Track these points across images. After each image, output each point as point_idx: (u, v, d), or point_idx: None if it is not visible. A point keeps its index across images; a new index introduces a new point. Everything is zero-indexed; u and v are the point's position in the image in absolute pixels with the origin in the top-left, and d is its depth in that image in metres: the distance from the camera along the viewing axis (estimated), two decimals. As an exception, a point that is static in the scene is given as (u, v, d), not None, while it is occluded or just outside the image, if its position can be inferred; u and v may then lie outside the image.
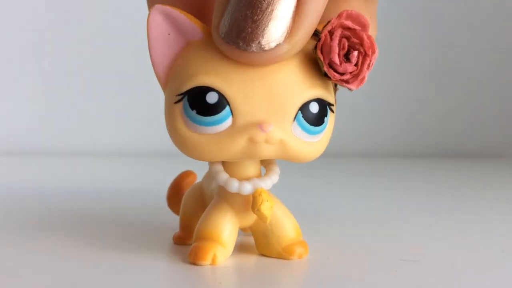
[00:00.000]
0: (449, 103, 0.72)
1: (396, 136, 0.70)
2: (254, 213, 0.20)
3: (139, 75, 0.66)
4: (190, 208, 0.24)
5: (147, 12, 0.20)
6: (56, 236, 0.25)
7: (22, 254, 0.22)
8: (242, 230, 0.24)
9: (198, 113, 0.18)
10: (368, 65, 0.18)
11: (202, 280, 0.19)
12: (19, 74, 0.66)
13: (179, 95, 0.19)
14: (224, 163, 0.21)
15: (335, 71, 0.18)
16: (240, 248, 0.23)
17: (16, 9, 0.66)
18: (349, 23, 0.18)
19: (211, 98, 0.18)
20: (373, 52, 0.18)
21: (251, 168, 0.21)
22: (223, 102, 0.18)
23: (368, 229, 0.27)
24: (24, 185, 0.42)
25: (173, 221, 0.27)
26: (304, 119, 0.19)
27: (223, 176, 0.20)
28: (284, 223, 0.21)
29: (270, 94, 0.18)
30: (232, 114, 0.18)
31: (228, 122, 0.18)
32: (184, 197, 0.24)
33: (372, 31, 0.19)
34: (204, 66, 0.18)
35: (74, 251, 0.22)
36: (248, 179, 0.20)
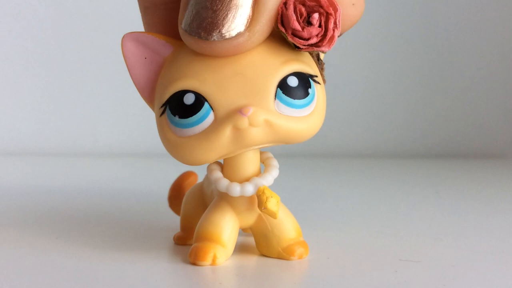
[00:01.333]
0: (450, 103, 0.72)
1: (396, 136, 0.70)
2: (261, 211, 0.20)
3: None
4: (190, 209, 0.24)
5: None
6: (57, 236, 0.25)
7: (22, 254, 0.22)
8: (243, 230, 0.24)
9: (180, 117, 0.19)
10: (335, 24, 0.18)
11: (202, 280, 0.19)
12: (20, 74, 0.66)
13: (161, 106, 0.19)
14: (223, 167, 0.21)
15: (301, 38, 0.18)
16: (241, 248, 0.23)
17: (16, 9, 0.66)
18: None
19: (188, 99, 0.19)
20: (335, 10, 0.18)
21: (250, 167, 0.21)
22: (200, 99, 0.18)
23: (368, 229, 0.27)
24: (25, 185, 0.42)
25: (173, 221, 0.27)
26: (286, 94, 0.19)
27: (224, 182, 0.20)
28: (285, 224, 0.21)
29: (244, 80, 0.18)
30: (212, 108, 0.19)
31: (211, 117, 0.19)
32: (184, 198, 0.25)
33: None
34: (177, 72, 0.19)
35: (75, 251, 0.22)
36: (248, 179, 0.20)
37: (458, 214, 0.33)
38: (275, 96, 0.19)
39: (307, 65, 0.19)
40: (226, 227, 0.21)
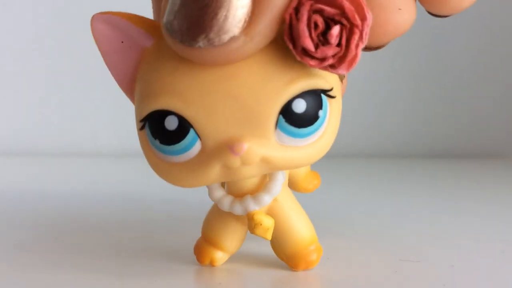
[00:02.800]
0: (449, 103, 0.72)
1: (396, 136, 0.70)
2: (251, 233, 0.18)
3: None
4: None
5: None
6: (56, 237, 0.25)
7: (22, 255, 0.22)
8: None
9: (161, 142, 0.16)
10: (360, 38, 0.14)
11: (202, 280, 0.19)
12: (20, 74, 0.66)
13: (141, 121, 0.16)
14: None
15: (313, 58, 0.14)
16: (242, 249, 0.22)
17: (16, 9, 0.66)
18: None
19: (171, 124, 0.15)
20: (363, 19, 0.14)
21: (252, 180, 0.18)
22: (185, 125, 0.15)
23: (368, 229, 0.27)
24: (24, 185, 0.42)
25: (173, 221, 0.27)
26: (289, 123, 0.15)
27: (218, 193, 0.19)
28: (291, 230, 0.19)
29: (237, 104, 0.15)
30: (199, 136, 0.15)
31: (197, 147, 0.15)
32: None
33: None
34: (158, 81, 0.15)
35: (74, 251, 0.22)
36: (249, 192, 0.18)
37: (458, 214, 0.33)
38: (276, 125, 0.15)
39: (320, 77, 0.15)
40: (226, 232, 0.20)
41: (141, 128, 0.16)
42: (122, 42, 0.16)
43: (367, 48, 0.16)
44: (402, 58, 0.71)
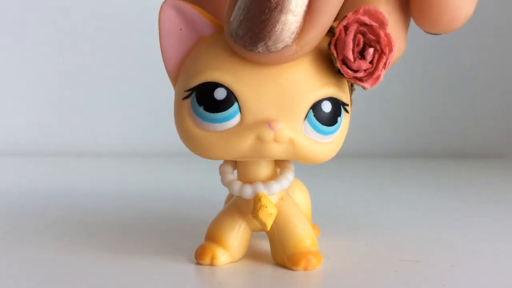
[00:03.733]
0: (449, 103, 0.72)
1: (396, 136, 0.70)
2: (253, 218, 0.19)
3: (142, 74, 0.66)
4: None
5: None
6: (56, 237, 0.25)
7: (23, 255, 0.22)
8: None
9: (205, 109, 0.18)
10: (385, 64, 0.18)
11: (202, 280, 0.19)
12: (20, 74, 0.66)
13: (187, 90, 0.18)
14: (236, 164, 0.20)
15: (349, 68, 0.18)
16: (250, 252, 0.22)
17: (17, 9, 0.66)
18: (365, 19, 0.17)
19: (219, 94, 0.18)
20: (390, 51, 0.17)
21: (263, 170, 0.20)
22: (231, 98, 0.18)
23: (368, 229, 0.27)
24: (24, 185, 0.42)
25: (173, 222, 0.27)
26: (316, 118, 0.18)
27: (229, 177, 0.20)
28: (293, 230, 0.20)
29: (280, 92, 0.17)
30: (240, 111, 0.18)
31: (236, 119, 0.18)
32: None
33: (391, 29, 0.18)
34: (213, 61, 0.18)
35: (74, 251, 0.22)
36: (260, 181, 0.20)
37: (458, 214, 0.33)
38: (306, 117, 0.18)
39: (343, 92, 0.19)
40: (230, 230, 0.20)
41: (185, 98, 0.18)
42: (180, 29, 0.19)
43: (433, 34, 0.20)
44: (402, 59, 0.70)
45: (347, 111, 0.19)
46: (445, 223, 0.30)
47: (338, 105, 0.18)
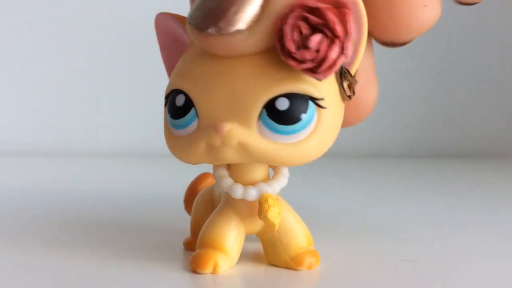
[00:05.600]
0: (450, 103, 0.72)
1: (396, 136, 0.70)
2: (261, 219, 0.19)
3: (142, 75, 0.66)
4: (200, 213, 0.23)
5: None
6: (56, 237, 0.25)
7: (21, 254, 0.22)
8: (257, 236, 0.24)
9: (171, 116, 0.18)
10: (341, 51, 0.15)
11: (202, 281, 0.19)
12: (20, 74, 0.66)
13: (165, 99, 0.19)
14: (229, 167, 0.20)
15: (294, 59, 0.16)
16: (243, 254, 0.22)
17: (17, 9, 0.66)
18: (309, 2, 0.16)
19: (179, 100, 0.18)
20: (346, 32, 0.15)
21: (258, 172, 0.19)
22: (189, 104, 0.18)
23: (368, 229, 0.27)
24: (24, 185, 0.42)
25: (173, 222, 0.27)
26: (270, 118, 0.17)
27: (227, 181, 0.19)
28: (294, 231, 0.20)
29: (231, 93, 0.17)
30: (197, 116, 0.18)
31: (194, 124, 0.18)
32: (195, 201, 0.23)
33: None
34: (180, 67, 0.18)
35: (74, 252, 0.22)
36: (254, 183, 0.19)
37: (458, 214, 0.33)
38: (259, 117, 0.17)
39: (311, 86, 0.17)
40: (230, 234, 0.19)
41: (165, 105, 0.19)
42: (175, 40, 0.19)
43: (393, 45, 0.19)
44: (402, 59, 0.71)
45: (321, 106, 0.17)
46: (445, 223, 0.30)
47: (302, 101, 0.17)
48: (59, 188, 0.40)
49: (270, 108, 0.17)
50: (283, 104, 0.17)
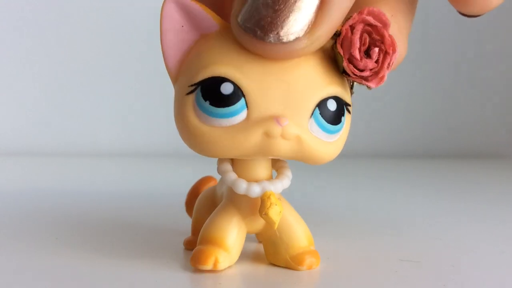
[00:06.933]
0: (449, 103, 0.72)
1: (396, 136, 0.70)
2: (261, 217, 0.19)
3: (142, 75, 0.66)
4: (202, 212, 0.23)
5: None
6: (56, 237, 0.25)
7: (22, 255, 0.22)
8: (256, 237, 0.24)
9: (211, 104, 0.17)
10: (389, 64, 0.18)
11: (202, 281, 0.19)
12: (20, 74, 0.66)
13: (191, 85, 0.18)
14: (233, 164, 0.20)
15: (355, 67, 0.18)
16: (243, 254, 0.22)
17: (17, 9, 0.66)
18: (370, 19, 0.17)
19: (226, 88, 0.17)
20: (394, 51, 0.18)
21: (262, 170, 0.20)
22: (238, 93, 0.17)
23: (368, 229, 0.27)
24: (24, 185, 0.42)
25: (173, 222, 0.27)
26: (322, 116, 0.18)
27: (231, 176, 0.19)
28: (294, 230, 0.20)
29: (287, 89, 0.17)
30: (247, 106, 0.17)
31: (243, 114, 0.17)
32: (197, 201, 0.24)
33: (393, 30, 0.18)
34: (219, 56, 0.18)
35: (74, 252, 0.22)
36: (257, 181, 0.19)
37: (458, 214, 0.33)
38: (312, 114, 0.18)
39: (346, 92, 0.19)
40: (231, 232, 0.20)
41: (189, 93, 0.18)
42: (182, 26, 0.18)
43: (469, 15, 0.20)
44: (404, 60, 0.71)
45: (349, 112, 0.19)
46: (445, 223, 0.30)
47: (341, 105, 0.18)
48: (59, 188, 0.40)
49: (322, 107, 0.18)
50: (332, 105, 0.18)
